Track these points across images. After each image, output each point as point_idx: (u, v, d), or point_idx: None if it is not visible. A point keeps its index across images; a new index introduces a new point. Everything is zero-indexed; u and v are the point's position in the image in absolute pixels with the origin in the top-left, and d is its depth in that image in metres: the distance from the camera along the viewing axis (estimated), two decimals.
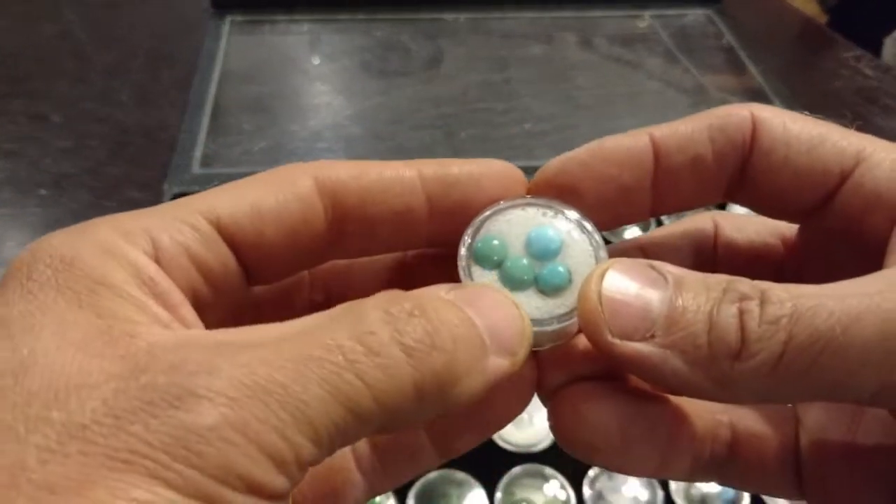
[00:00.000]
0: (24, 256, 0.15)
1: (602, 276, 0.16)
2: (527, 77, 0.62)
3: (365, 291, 0.19)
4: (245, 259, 0.17)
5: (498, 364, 0.16)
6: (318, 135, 0.55)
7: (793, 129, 0.18)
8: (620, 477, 0.37)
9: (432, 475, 0.37)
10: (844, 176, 0.18)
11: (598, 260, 0.18)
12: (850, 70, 0.71)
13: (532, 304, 0.18)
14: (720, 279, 0.16)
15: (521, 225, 0.19)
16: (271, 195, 0.17)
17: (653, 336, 0.16)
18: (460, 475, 0.37)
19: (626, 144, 0.19)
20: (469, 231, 0.18)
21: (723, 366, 0.15)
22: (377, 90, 0.60)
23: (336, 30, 0.67)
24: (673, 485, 0.37)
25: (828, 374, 0.15)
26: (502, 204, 0.19)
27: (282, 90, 0.60)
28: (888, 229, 0.18)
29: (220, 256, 0.17)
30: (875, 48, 1.02)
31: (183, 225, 0.16)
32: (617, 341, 0.16)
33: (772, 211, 0.20)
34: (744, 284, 0.16)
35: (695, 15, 0.71)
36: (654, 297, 0.16)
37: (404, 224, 0.19)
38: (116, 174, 0.56)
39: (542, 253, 0.18)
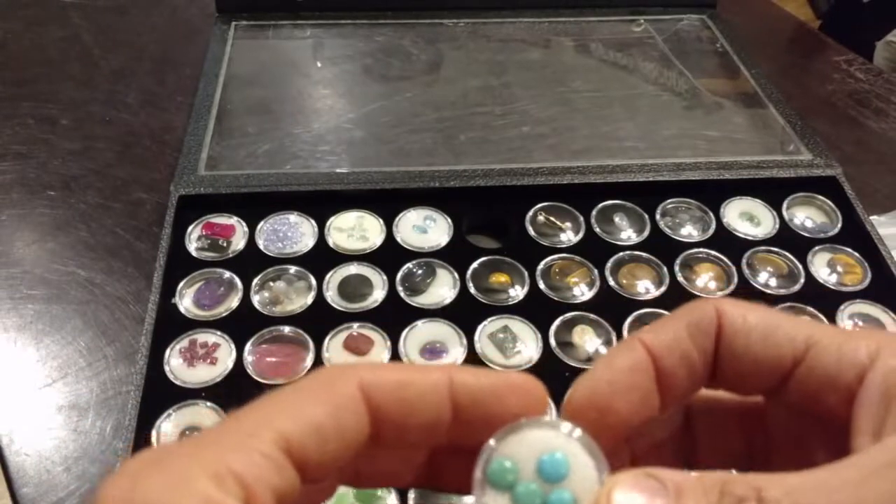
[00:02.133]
0: None
1: (609, 498, 0.18)
2: (525, 81, 0.63)
3: (391, 471, 0.22)
4: (306, 475, 0.18)
5: None
6: (320, 138, 0.56)
7: (750, 319, 0.21)
8: None
9: None
10: (797, 361, 0.21)
11: (601, 483, 0.20)
12: (843, 74, 0.72)
13: None
14: (715, 480, 0.18)
15: (533, 447, 0.20)
16: (330, 413, 0.19)
17: None
18: None
19: (632, 358, 0.21)
20: (485, 452, 0.20)
21: None
22: (379, 94, 0.61)
23: (338, 34, 0.68)
24: None
25: None
26: (518, 424, 0.21)
27: (285, 94, 0.61)
28: (845, 408, 0.20)
29: (291, 481, 0.18)
30: (867, 52, 1.03)
31: (264, 460, 0.17)
32: None
33: (736, 391, 0.23)
34: (739, 485, 0.17)
35: (689, 20, 0.72)
36: None
37: (433, 429, 0.21)
38: (123, 176, 0.57)
39: (552, 477, 0.20)
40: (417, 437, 0.21)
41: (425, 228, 0.50)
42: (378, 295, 0.46)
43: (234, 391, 0.41)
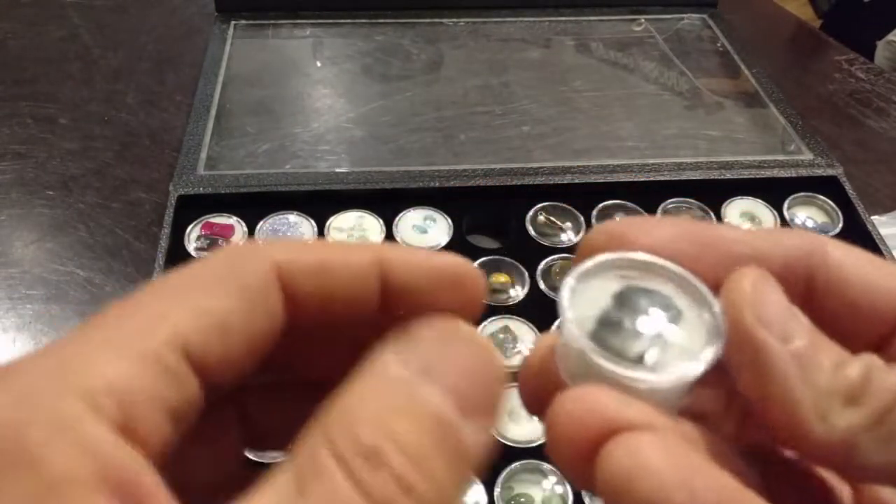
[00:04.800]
0: None
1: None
2: (525, 80, 0.63)
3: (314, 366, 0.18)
4: (208, 381, 0.15)
5: (475, 436, 0.14)
6: (320, 137, 0.56)
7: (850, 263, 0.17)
8: None
9: None
10: None
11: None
12: (843, 73, 0.72)
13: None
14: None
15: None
16: (237, 305, 0.15)
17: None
18: None
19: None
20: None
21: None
22: (378, 93, 0.61)
23: (338, 34, 0.68)
24: None
25: None
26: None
27: (285, 93, 0.61)
28: None
29: (188, 393, 0.14)
30: (868, 52, 1.03)
31: (155, 368, 0.13)
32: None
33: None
34: None
35: (690, 19, 0.72)
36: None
37: (354, 321, 0.16)
38: (122, 175, 0.57)
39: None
40: (335, 330, 0.17)
41: (425, 228, 0.50)
42: None
43: None
